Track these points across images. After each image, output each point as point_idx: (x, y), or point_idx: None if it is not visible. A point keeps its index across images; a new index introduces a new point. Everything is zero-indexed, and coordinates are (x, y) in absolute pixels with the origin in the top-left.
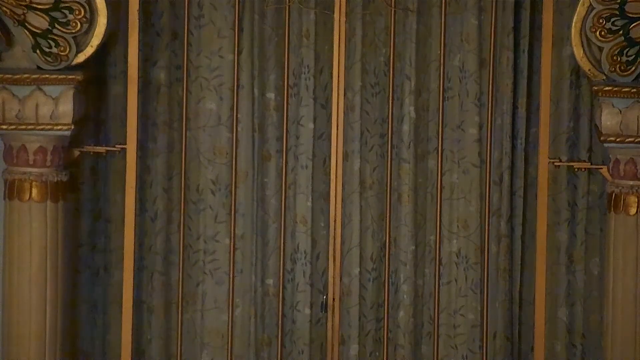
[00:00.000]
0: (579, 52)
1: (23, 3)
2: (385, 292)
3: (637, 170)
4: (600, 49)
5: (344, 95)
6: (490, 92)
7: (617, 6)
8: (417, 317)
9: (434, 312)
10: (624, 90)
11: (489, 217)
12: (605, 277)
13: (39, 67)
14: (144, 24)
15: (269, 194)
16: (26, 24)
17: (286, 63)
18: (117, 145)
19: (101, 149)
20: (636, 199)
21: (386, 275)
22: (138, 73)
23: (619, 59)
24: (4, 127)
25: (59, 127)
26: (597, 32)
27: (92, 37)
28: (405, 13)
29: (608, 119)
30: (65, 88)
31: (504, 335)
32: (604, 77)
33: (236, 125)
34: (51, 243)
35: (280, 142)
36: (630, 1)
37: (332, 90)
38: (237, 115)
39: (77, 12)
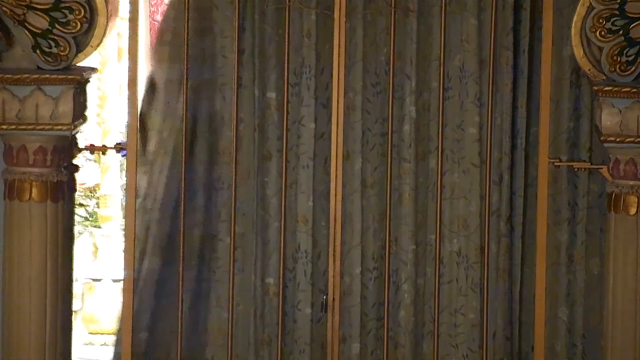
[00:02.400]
0: (579, 52)
1: (23, 3)
2: (386, 291)
3: (637, 170)
4: (600, 49)
5: (345, 94)
6: (490, 92)
7: (617, 6)
8: (418, 316)
9: (434, 311)
10: (624, 90)
11: (489, 217)
12: (605, 277)
13: (39, 67)
14: None
15: (269, 193)
16: (26, 24)
17: (287, 63)
18: (116, 145)
19: (101, 149)
20: (636, 199)
21: (387, 275)
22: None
23: (619, 59)
24: (4, 127)
25: (59, 127)
26: (597, 32)
27: (92, 37)
28: (406, 13)
29: (608, 119)
30: (65, 88)
31: (504, 334)
32: (604, 77)
33: (237, 125)
34: (51, 243)
35: (281, 142)
36: (630, 1)
37: (333, 90)
38: (238, 115)
39: (77, 12)
